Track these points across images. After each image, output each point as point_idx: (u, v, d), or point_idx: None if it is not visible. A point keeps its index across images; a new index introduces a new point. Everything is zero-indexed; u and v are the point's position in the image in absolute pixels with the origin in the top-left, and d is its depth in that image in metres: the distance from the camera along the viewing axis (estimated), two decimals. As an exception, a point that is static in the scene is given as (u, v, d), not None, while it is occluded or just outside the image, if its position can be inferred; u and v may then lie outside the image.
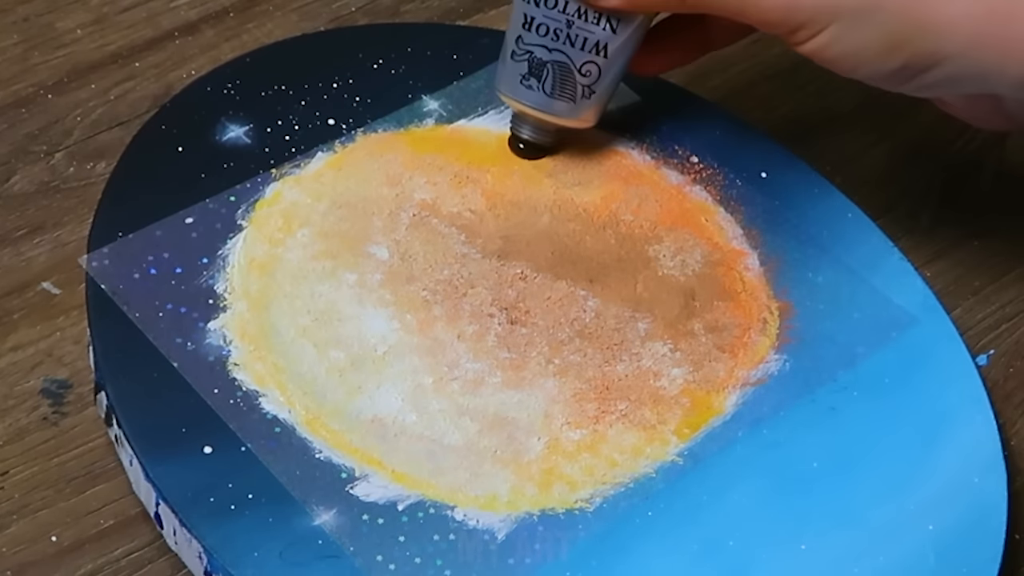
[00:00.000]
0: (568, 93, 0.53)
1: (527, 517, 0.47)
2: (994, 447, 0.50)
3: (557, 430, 0.49)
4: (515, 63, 0.54)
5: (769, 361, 0.52)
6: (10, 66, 0.61)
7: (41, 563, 0.48)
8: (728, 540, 0.47)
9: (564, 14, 0.52)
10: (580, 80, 0.53)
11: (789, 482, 0.49)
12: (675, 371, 0.51)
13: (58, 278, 0.54)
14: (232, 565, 0.44)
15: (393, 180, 0.55)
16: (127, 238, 0.52)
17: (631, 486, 0.48)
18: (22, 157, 0.58)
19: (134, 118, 0.59)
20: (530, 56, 0.53)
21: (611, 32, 0.52)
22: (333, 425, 0.48)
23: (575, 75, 0.53)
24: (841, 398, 0.51)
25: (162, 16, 0.63)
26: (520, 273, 0.53)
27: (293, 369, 0.49)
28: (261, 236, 0.53)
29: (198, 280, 0.51)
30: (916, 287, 0.54)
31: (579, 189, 0.56)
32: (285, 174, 0.54)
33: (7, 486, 0.49)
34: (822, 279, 0.54)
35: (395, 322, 0.51)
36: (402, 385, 0.49)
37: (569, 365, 0.51)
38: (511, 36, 0.54)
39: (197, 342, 0.49)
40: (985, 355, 0.56)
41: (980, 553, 0.48)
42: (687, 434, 0.50)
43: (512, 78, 0.54)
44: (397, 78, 0.58)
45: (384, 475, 0.47)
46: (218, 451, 0.47)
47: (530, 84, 0.54)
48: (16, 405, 0.51)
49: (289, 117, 0.56)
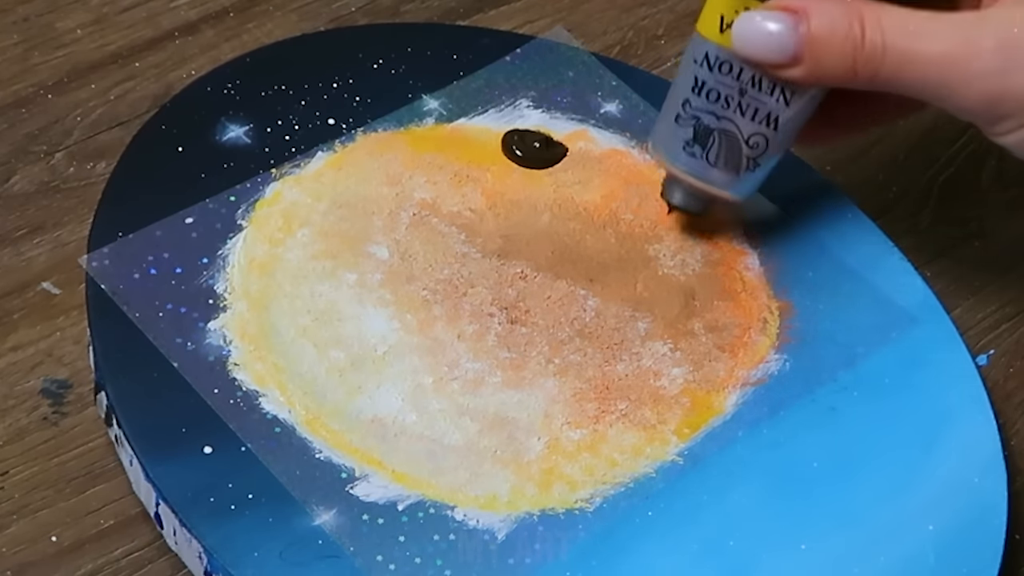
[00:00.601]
0: (732, 164, 0.51)
1: (527, 517, 0.47)
2: (994, 447, 0.50)
3: (557, 430, 0.49)
4: (679, 127, 0.51)
5: (769, 361, 0.52)
6: (10, 66, 0.61)
7: (41, 563, 0.48)
8: (728, 540, 0.47)
9: (738, 81, 0.49)
10: (746, 152, 0.50)
11: (789, 482, 0.49)
12: (675, 371, 0.51)
13: (58, 278, 0.54)
14: (232, 565, 0.44)
15: (393, 179, 0.55)
16: (127, 238, 0.52)
17: (631, 486, 0.48)
18: (22, 157, 0.58)
19: (134, 118, 0.59)
20: (697, 122, 0.50)
21: (784, 104, 0.49)
22: (333, 425, 0.48)
23: (742, 146, 0.50)
24: (841, 398, 0.51)
25: (162, 16, 0.63)
26: (520, 272, 0.53)
27: (293, 369, 0.49)
28: (261, 236, 0.53)
29: (198, 280, 0.51)
30: (916, 287, 0.54)
31: (579, 188, 0.56)
32: (285, 174, 0.54)
33: (7, 486, 0.49)
34: (822, 279, 0.54)
35: (395, 322, 0.51)
36: (402, 385, 0.49)
37: (569, 365, 0.51)
38: (677, 98, 0.51)
39: (197, 342, 0.49)
40: (985, 355, 0.56)
41: (980, 553, 0.48)
42: (687, 434, 0.50)
43: (674, 142, 0.51)
44: (397, 78, 0.58)
45: (384, 475, 0.47)
46: (218, 451, 0.47)
47: (693, 151, 0.51)
48: (16, 405, 0.51)
49: (289, 117, 0.56)
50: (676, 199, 0.53)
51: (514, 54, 0.60)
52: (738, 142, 0.50)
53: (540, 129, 0.57)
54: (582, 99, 0.59)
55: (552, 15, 0.65)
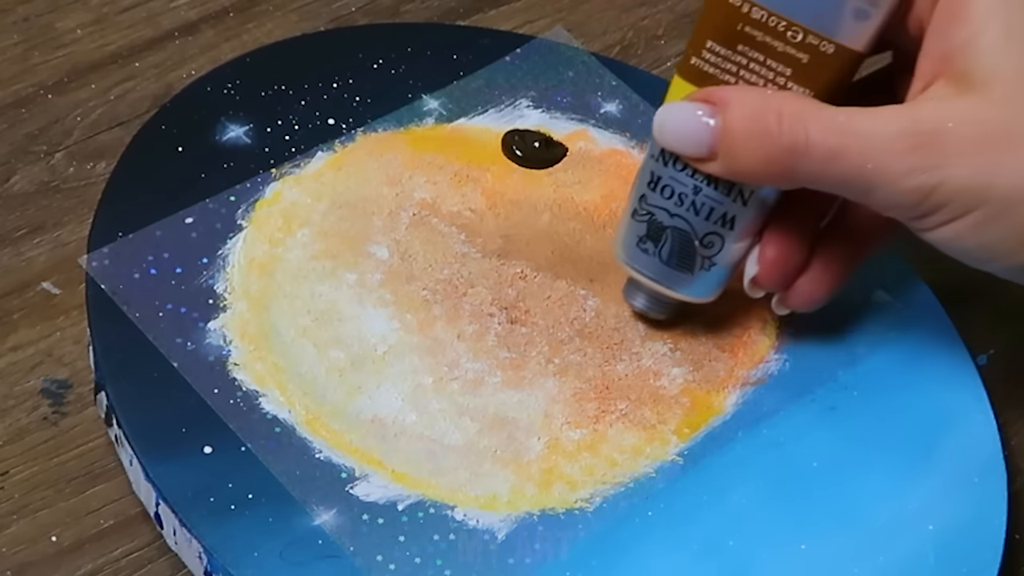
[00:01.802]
0: (686, 263, 0.49)
1: (527, 517, 0.47)
2: (994, 447, 0.50)
3: (557, 430, 0.49)
4: (635, 223, 0.49)
5: (769, 360, 0.52)
6: (10, 66, 0.61)
7: (41, 563, 0.48)
8: (728, 540, 0.47)
9: (692, 179, 0.47)
10: (700, 251, 0.48)
11: (789, 482, 0.49)
12: (675, 370, 0.51)
13: (58, 278, 0.54)
14: (232, 565, 0.44)
15: (393, 179, 0.55)
16: (127, 238, 0.52)
17: (631, 486, 0.48)
18: (22, 157, 0.58)
19: (134, 118, 0.59)
20: (651, 218, 0.49)
21: (741, 204, 0.47)
22: (333, 425, 0.48)
23: (695, 244, 0.48)
24: (841, 398, 0.51)
25: (162, 16, 0.63)
26: (520, 272, 0.53)
27: (293, 369, 0.49)
28: (261, 236, 0.53)
29: (198, 280, 0.51)
30: (916, 287, 0.54)
31: (579, 188, 0.56)
32: (285, 174, 0.54)
33: (7, 486, 0.49)
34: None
35: (395, 322, 0.51)
36: (402, 385, 0.49)
37: (569, 365, 0.51)
38: (635, 193, 0.49)
39: (197, 342, 0.49)
40: (985, 355, 0.56)
41: (980, 553, 0.48)
42: (687, 434, 0.50)
43: (630, 238, 0.49)
44: (397, 78, 0.58)
45: (384, 475, 0.47)
46: (218, 451, 0.47)
47: (646, 248, 0.49)
48: (16, 405, 0.51)
49: (289, 117, 0.56)
50: (638, 304, 0.51)
51: (514, 54, 0.60)
52: (691, 241, 0.49)
53: (540, 129, 0.57)
54: (582, 99, 0.59)
55: (552, 15, 0.65)
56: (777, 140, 0.43)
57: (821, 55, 0.45)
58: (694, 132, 0.45)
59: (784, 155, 0.44)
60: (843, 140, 0.43)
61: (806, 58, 0.45)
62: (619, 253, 0.50)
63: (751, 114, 0.44)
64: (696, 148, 0.45)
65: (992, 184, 0.42)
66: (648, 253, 0.49)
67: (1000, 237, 0.43)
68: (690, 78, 0.47)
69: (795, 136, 0.43)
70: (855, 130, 0.43)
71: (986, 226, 0.43)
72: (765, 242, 0.48)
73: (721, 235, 0.48)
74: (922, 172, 0.43)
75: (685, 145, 0.46)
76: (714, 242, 0.48)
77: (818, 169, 0.44)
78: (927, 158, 0.42)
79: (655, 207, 0.48)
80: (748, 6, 0.45)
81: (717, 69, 0.46)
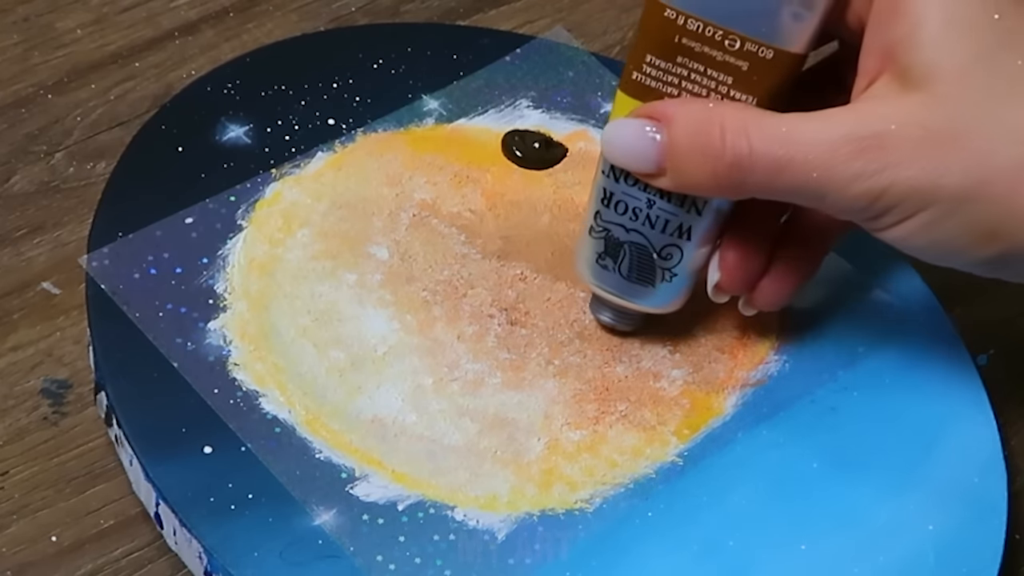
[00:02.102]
0: (646, 276, 0.49)
1: (527, 517, 0.47)
2: (994, 447, 0.50)
3: (557, 431, 0.49)
4: (592, 240, 0.49)
5: (769, 362, 0.52)
6: (10, 66, 0.61)
7: (41, 563, 0.48)
8: (728, 540, 0.47)
9: (645, 193, 0.47)
10: (659, 263, 0.48)
11: (789, 482, 0.49)
12: (675, 372, 0.51)
13: (58, 278, 0.54)
14: (232, 565, 0.44)
15: (393, 180, 0.55)
16: (127, 238, 0.52)
17: (631, 486, 0.48)
18: (22, 157, 0.58)
19: (134, 118, 0.59)
20: (607, 234, 0.48)
21: (696, 213, 0.47)
22: (333, 425, 0.48)
23: (654, 257, 0.48)
24: (841, 398, 0.51)
25: (162, 16, 0.63)
26: (520, 274, 0.53)
27: (293, 369, 0.49)
28: (261, 236, 0.53)
29: (198, 280, 0.51)
30: (916, 287, 0.54)
31: (579, 189, 0.56)
32: (285, 174, 0.54)
33: (7, 486, 0.49)
34: (822, 279, 0.54)
35: (395, 322, 0.51)
36: (402, 385, 0.49)
37: (569, 366, 0.51)
38: (591, 210, 0.49)
39: (197, 342, 0.49)
40: (985, 355, 0.56)
41: (980, 553, 0.48)
42: (687, 435, 0.50)
43: (589, 256, 0.49)
44: (397, 78, 0.58)
45: (384, 475, 0.47)
46: (218, 451, 0.47)
47: (605, 264, 0.49)
48: (16, 405, 0.51)
49: (289, 117, 0.56)
50: (604, 318, 0.51)
51: (514, 54, 0.60)
52: (650, 254, 0.48)
53: (540, 129, 0.57)
54: (582, 99, 0.59)
55: (552, 15, 0.65)
56: (721, 154, 0.43)
57: (761, 61, 0.44)
58: (641, 149, 0.45)
59: (729, 170, 0.43)
60: (787, 151, 0.43)
61: (746, 65, 0.44)
62: (581, 271, 0.50)
63: (695, 129, 0.44)
64: (644, 164, 0.45)
65: (939, 184, 0.42)
66: (608, 269, 0.49)
67: (953, 235, 0.43)
68: (633, 93, 0.46)
69: (738, 150, 0.43)
70: (798, 139, 0.43)
71: (938, 225, 0.43)
72: (725, 247, 0.48)
73: (679, 246, 0.48)
74: (868, 177, 0.42)
75: (633, 162, 0.46)
76: (672, 253, 0.48)
77: (765, 181, 0.43)
78: (872, 163, 0.42)
79: (610, 223, 0.48)
80: (684, 18, 0.44)
81: (659, 82, 0.46)
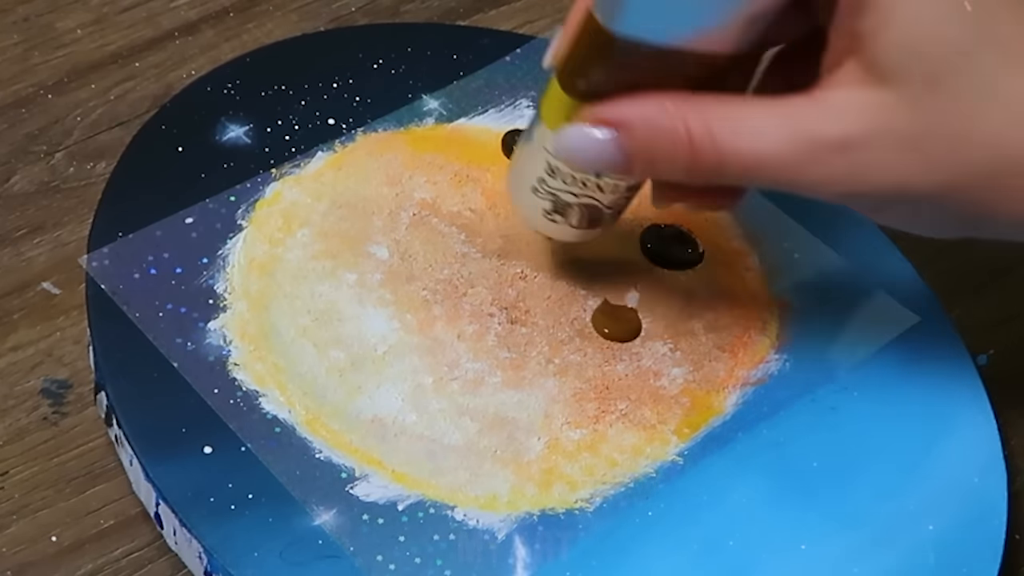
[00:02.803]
0: (596, 223, 0.49)
1: (527, 517, 0.47)
2: (994, 447, 0.50)
3: (557, 430, 0.49)
4: (538, 199, 0.49)
5: (769, 361, 0.52)
6: (10, 66, 0.61)
7: (41, 563, 0.48)
8: (728, 540, 0.47)
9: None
10: (607, 211, 0.49)
11: (789, 482, 0.49)
12: (675, 371, 0.51)
13: (58, 278, 0.54)
14: (232, 565, 0.44)
15: (393, 180, 0.55)
16: (127, 238, 0.52)
17: (631, 486, 0.48)
18: (22, 157, 0.58)
19: (134, 118, 0.59)
20: (555, 198, 0.48)
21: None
22: (333, 425, 0.48)
23: (602, 210, 0.48)
24: (841, 398, 0.51)
25: (162, 16, 0.63)
26: (520, 272, 0.53)
27: (293, 369, 0.49)
28: (261, 236, 0.53)
29: (198, 280, 0.51)
30: (916, 287, 0.54)
31: (579, 189, 0.56)
32: (285, 174, 0.54)
33: (7, 486, 0.49)
34: (822, 279, 0.54)
35: (395, 322, 0.51)
36: (402, 385, 0.49)
37: (569, 365, 0.51)
38: (530, 174, 0.48)
39: (197, 342, 0.49)
40: (985, 355, 0.56)
41: (980, 553, 0.48)
42: (687, 434, 0.50)
43: (532, 209, 0.49)
44: (397, 78, 0.58)
45: (384, 475, 0.47)
46: (218, 451, 0.47)
47: (554, 219, 0.49)
48: (16, 405, 0.51)
49: (289, 117, 0.56)
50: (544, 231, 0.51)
51: (514, 54, 0.60)
52: (600, 211, 0.48)
53: (540, 129, 0.57)
54: (582, 99, 0.59)
55: (552, 15, 0.65)
56: (691, 158, 0.43)
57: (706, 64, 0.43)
58: (605, 156, 0.44)
59: (703, 172, 0.43)
60: (755, 153, 0.42)
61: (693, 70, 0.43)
62: (524, 215, 0.50)
63: (657, 135, 0.43)
64: (612, 168, 0.45)
65: (907, 188, 0.42)
66: (557, 223, 0.49)
67: (919, 223, 0.44)
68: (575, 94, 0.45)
69: (706, 155, 0.43)
70: (765, 139, 0.42)
71: (910, 217, 0.44)
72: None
73: (628, 197, 0.48)
74: (836, 183, 0.42)
75: (600, 167, 0.45)
76: (620, 204, 0.49)
77: (738, 180, 0.44)
78: (838, 168, 0.42)
79: (557, 190, 0.48)
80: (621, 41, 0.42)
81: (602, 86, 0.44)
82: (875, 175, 0.42)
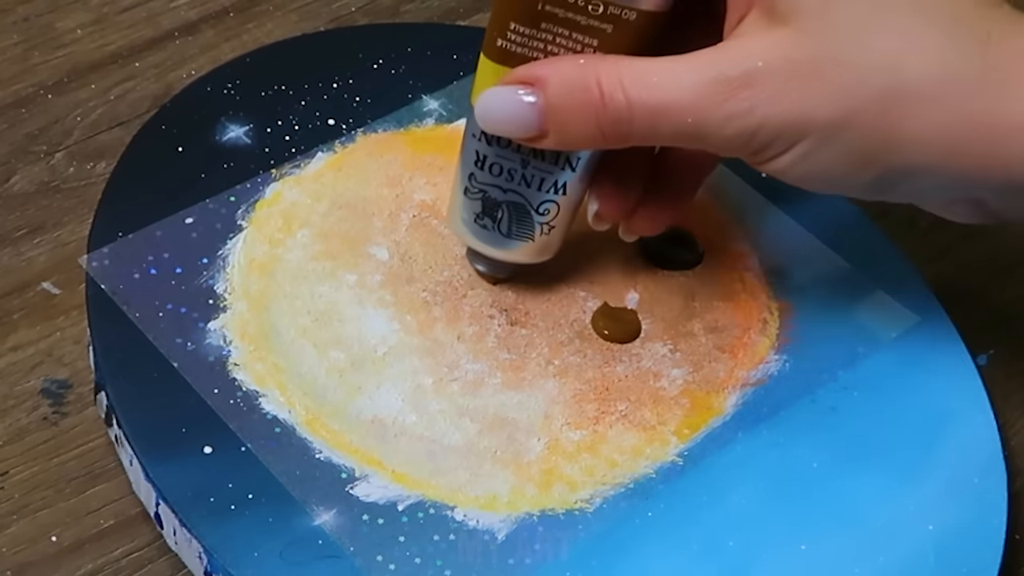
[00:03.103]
0: (526, 233, 0.50)
1: (527, 517, 0.47)
2: (994, 447, 0.50)
3: (557, 431, 0.49)
4: (468, 200, 0.49)
5: (769, 361, 0.52)
6: (10, 66, 0.61)
7: (41, 563, 0.48)
8: (728, 540, 0.47)
9: (519, 153, 0.48)
10: (538, 219, 0.49)
11: (789, 482, 0.49)
12: (675, 372, 0.51)
13: (58, 278, 0.54)
14: (232, 565, 0.44)
15: (393, 180, 0.55)
16: (127, 238, 0.52)
17: (631, 486, 0.48)
18: (22, 157, 0.58)
19: (134, 118, 0.59)
20: (484, 195, 0.49)
21: (570, 169, 0.48)
22: (333, 425, 0.48)
23: (532, 214, 0.49)
24: (841, 398, 0.51)
25: (162, 16, 0.63)
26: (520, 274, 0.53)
27: (293, 369, 0.49)
28: (261, 236, 0.53)
29: (198, 280, 0.51)
30: (916, 287, 0.54)
31: (579, 189, 0.56)
32: (285, 174, 0.54)
33: (7, 486, 0.49)
34: (822, 279, 0.54)
35: (395, 323, 0.51)
36: (402, 386, 0.49)
37: (569, 366, 0.51)
38: (463, 172, 0.49)
39: (197, 342, 0.49)
40: (985, 355, 0.56)
41: (980, 553, 0.48)
42: (687, 434, 0.50)
43: (466, 216, 0.50)
44: (397, 78, 0.58)
45: (384, 475, 0.47)
46: (218, 451, 0.47)
47: (484, 224, 0.50)
48: (16, 405, 0.51)
49: (289, 117, 0.56)
50: (480, 267, 0.52)
51: (514, 54, 0.60)
52: (528, 212, 0.49)
53: (540, 129, 0.57)
54: (582, 99, 0.59)
55: (552, 15, 0.65)
56: (602, 110, 0.44)
57: (624, 23, 0.44)
58: (520, 115, 0.45)
59: (613, 124, 0.44)
60: (662, 98, 0.43)
61: (610, 28, 0.45)
62: (457, 230, 0.51)
63: (571, 88, 0.44)
64: (525, 130, 0.45)
65: (810, 116, 0.43)
66: (487, 229, 0.50)
67: (829, 164, 0.44)
68: (498, 59, 0.46)
69: (617, 103, 0.44)
70: (671, 85, 0.43)
71: (813, 155, 0.44)
72: (601, 178, 0.49)
73: (556, 201, 0.49)
74: (740, 117, 0.43)
75: (514, 129, 0.46)
76: (550, 208, 0.49)
77: (647, 130, 0.44)
78: (743, 102, 0.43)
79: (486, 185, 0.49)
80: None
81: (524, 48, 0.46)
82: (777, 106, 0.43)
